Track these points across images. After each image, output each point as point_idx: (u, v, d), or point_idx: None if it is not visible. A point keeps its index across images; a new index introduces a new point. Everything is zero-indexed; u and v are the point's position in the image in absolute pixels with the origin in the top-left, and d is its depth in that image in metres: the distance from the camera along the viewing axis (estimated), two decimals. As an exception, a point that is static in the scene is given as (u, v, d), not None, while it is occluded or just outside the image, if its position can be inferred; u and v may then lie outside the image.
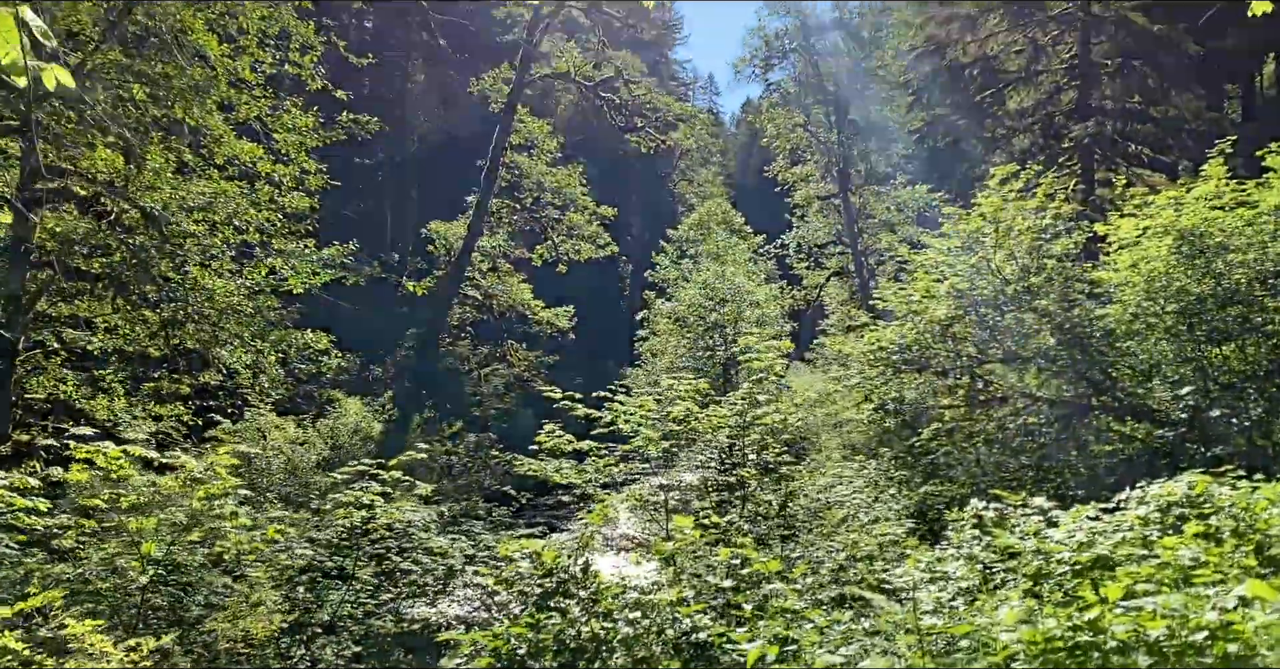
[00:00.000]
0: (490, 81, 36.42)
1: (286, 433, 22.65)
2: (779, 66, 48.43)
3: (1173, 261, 13.16)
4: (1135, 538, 6.90)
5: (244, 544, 6.89)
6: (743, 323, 31.15)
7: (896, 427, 17.73)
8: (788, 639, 5.88)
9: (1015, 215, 15.46)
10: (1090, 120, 26.19)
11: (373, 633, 7.64)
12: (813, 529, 8.75)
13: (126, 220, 14.19)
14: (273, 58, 16.25)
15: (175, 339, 15.14)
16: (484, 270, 36.33)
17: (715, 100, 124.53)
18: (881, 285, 17.68)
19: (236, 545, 6.83)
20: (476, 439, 30.84)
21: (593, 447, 9.12)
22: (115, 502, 6.68)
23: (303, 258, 16.17)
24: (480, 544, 9.73)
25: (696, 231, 45.20)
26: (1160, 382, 13.83)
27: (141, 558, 6.29)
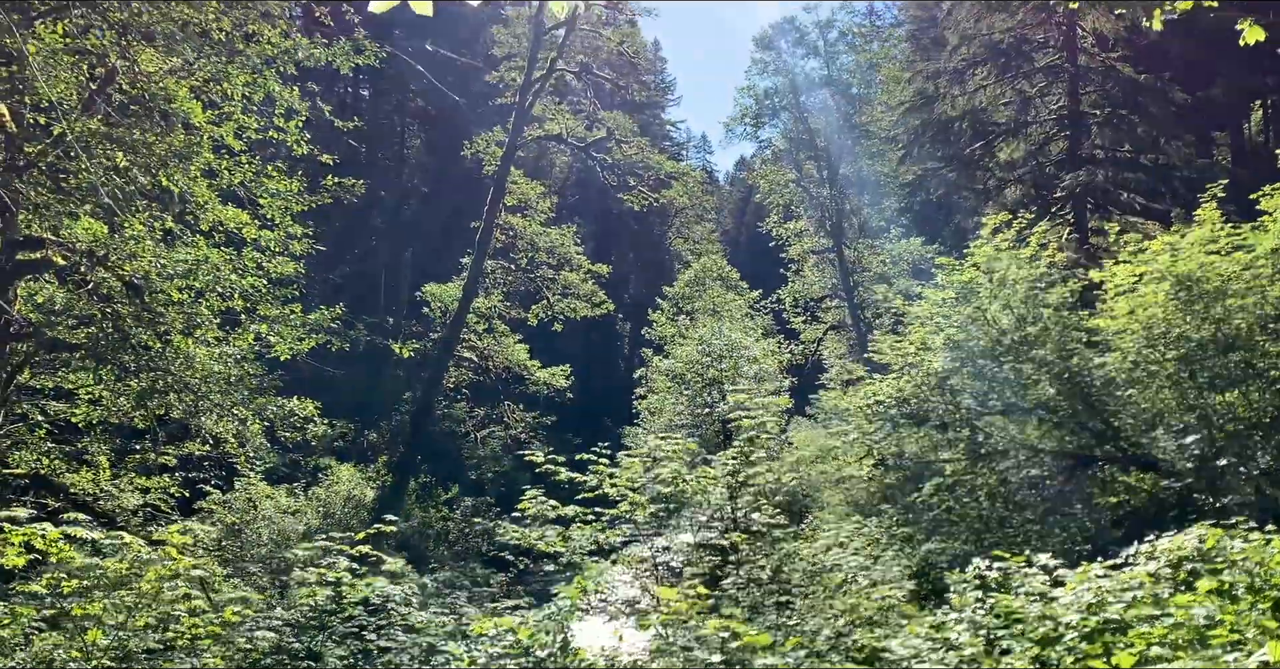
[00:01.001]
0: (483, 144, 36.63)
1: (278, 502, 22.25)
2: (770, 124, 48.91)
3: (1171, 308, 12.96)
4: (1146, 597, 6.57)
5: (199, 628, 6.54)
6: (740, 379, 30.86)
7: (899, 482, 17.39)
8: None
9: (1009, 265, 15.31)
10: (1081, 170, 26.21)
11: (347, 717, 7.29)
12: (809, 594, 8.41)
13: (105, 289, 14.01)
14: (258, 123, 16.22)
15: (158, 409, 14.86)
16: (480, 331, 36.14)
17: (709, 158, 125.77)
18: (877, 338, 17.46)
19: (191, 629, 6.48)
20: (474, 503, 30.41)
21: (579, 512, 8.81)
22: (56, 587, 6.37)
23: (288, 323, 15.95)
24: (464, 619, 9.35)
25: (692, 288, 45.16)
26: (1164, 430, 13.52)
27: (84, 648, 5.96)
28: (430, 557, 26.98)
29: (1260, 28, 5.27)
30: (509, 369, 36.11)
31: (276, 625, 7.49)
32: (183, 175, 15.01)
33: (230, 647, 6.98)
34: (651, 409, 36.33)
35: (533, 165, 52.37)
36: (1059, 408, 14.40)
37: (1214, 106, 32.05)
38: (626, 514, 8.93)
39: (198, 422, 14.74)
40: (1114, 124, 27.14)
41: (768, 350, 36.27)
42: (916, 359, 15.85)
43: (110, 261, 13.73)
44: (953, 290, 16.04)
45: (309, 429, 16.55)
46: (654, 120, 72.48)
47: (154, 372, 14.06)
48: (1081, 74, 27.39)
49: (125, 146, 14.10)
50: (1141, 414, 13.96)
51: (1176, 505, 12.46)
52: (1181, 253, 13.08)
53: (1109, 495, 13.72)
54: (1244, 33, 5.38)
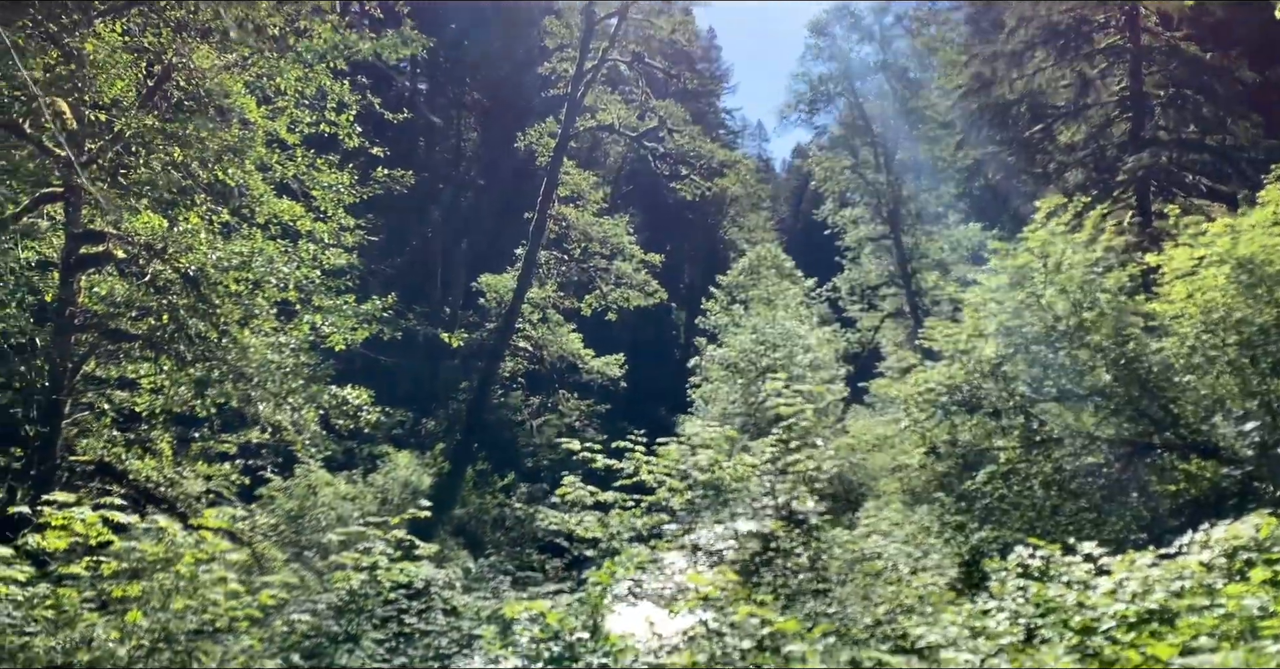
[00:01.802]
0: (536, 136, 36.79)
1: (337, 488, 22.68)
2: (825, 110, 48.54)
3: (1231, 291, 12.62)
4: (1197, 586, 6.43)
5: (237, 611, 6.70)
6: (795, 367, 30.65)
7: (954, 470, 17.19)
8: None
9: (1064, 249, 15.01)
10: (1144, 152, 25.58)
11: (385, 700, 7.42)
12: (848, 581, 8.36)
13: (163, 281, 14.38)
14: (310, 117, 16.50)
15: (217, 398, 15.23)
16: (534, 321, 36.39)
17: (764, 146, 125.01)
18: (928, 324, 17.24)
19: (229, 612, 6.64)
20: (529, 490, 30.66)
21: (618, 498, 8.86)
22: (95, 569, 6.56)
23: (341, 313, 16.23)
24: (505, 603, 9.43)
25: (747, 277, 44.87)
26: (1224, 417, 13.19)
27: (123, 629, 6.13)
28: (487, 542, 27.32)
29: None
30: (563, 358, 36.33)
31: (317, 608, 7.65)
32: (238, 169, 15.33)
33: (268, 629, 7.15)
34: (705, 398, 36.23)
35: (586, 156, 52.51)
36: (1116, 394, 14.12)
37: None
38: (664, 501, 8.96)
39: (254, 410, 15.07)
40: (1178, 105, 26.45)
41: (823, 339, 35.99)
42: (969, 346, 15.63)
43: (168, 254, 14.08)
44: (1006, 275, 15.77)
45: (362, 417, 16.83)
46: (708, 109, 72.13)
47: (210, 361, 14.40)
48: (1144, 54, 26.70)
49: (182, 142, 14.43)
50: (1201, 400, 13.63)
51: (1237, 494, 12.17)
52: (1243, 235, 12.72)
53: (1167, 483, 13.43)
54: None
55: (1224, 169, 26.08)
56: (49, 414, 14.52)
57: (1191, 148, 26.50)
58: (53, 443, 14.56)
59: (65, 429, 15.04)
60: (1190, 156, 26.42)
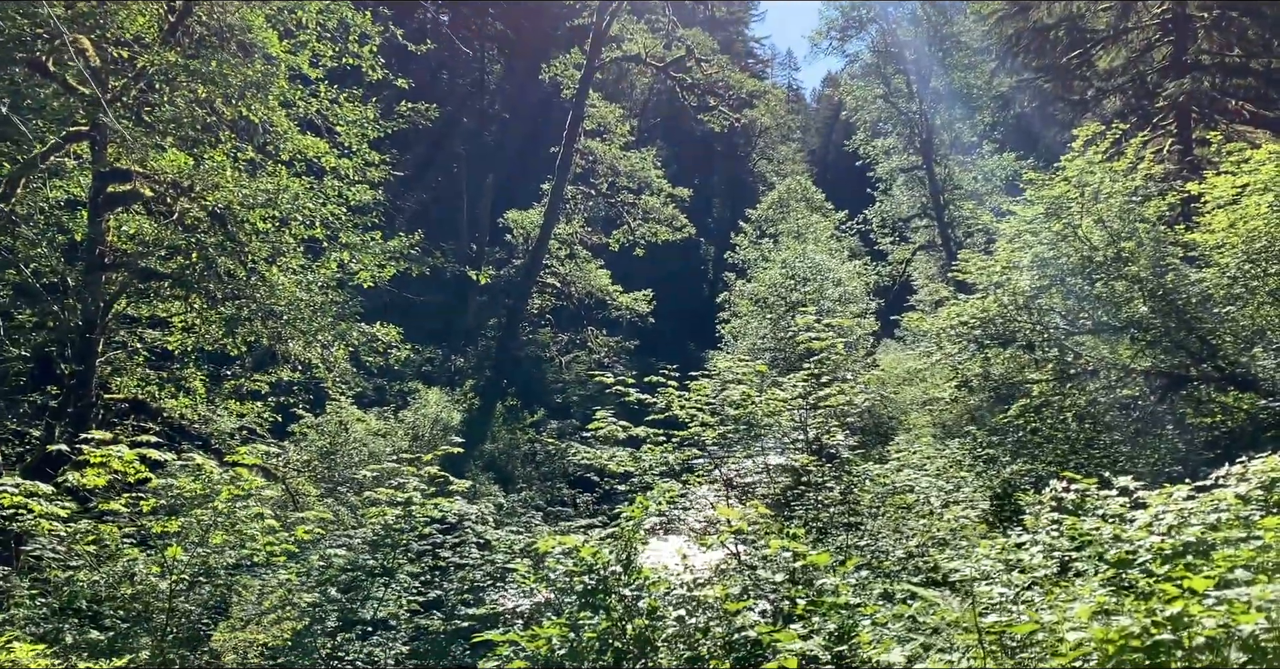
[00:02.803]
0: (561, 67, 36.24)
1: (368, 425, 22.93)
2: (857, 37, 47.20)
3: (1274, 220, 12.29)
4: (1233, 519, 6.35)
5: (274, 546, 6.78)
6: (825, 301, 30.46)
7: (985, 403, 17.08)
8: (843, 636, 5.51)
9: (1102, 178, 14.66)
10: (1186, 77, 24.80)
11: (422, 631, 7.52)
12: (880, 515, 8.34)
13: (189, 220, 14.36)
14: (333, 50, 16.26)
15: (247, 336, 15.31)
16: (561, 257, 36.26)
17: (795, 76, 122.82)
18: (962, 256, 16.98)
19: (266, 547, 6.72)
20: (559, 426, 30.87)
21: (649, 433, 8.83)
22: (135, 506, 6.63)
23: (368, 250, 16.18)
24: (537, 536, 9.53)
25: (776, 210, 44.41)
26: (1264, 349, 12.96)
27: (164, 564, 6.22)
28: (518, 477, 27.62)
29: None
30: (591, 294, 36.26)
31: (352, 543, 7.74)
32: (261, 105, 15.17)
33: (304, 563, 7.24)
34: (734, 333, 36.15)
35: (612, 88, 51.72)
36: (1152, 326, 13.90)
37: (1335, 4, 29.90)
38: (696, 436, 8.93)
39: (284, 348, 15.14)
40: (1222, 26, 25.51)
41: (854, 272, 35.67)
42: (1003, 278, 15.39)
43: (195, 192, 14.03)
44: (1042, 206, 15.45)
45: (392, 354, 16.87)
46: (736, 37, 70.74)
47: (240, 299, 14.43)
48: (1188, -28, 25.75)
49: (204, 78, 14.28)
50: (1240, 332, 13.39)
51: (1275, 426, 12.00)
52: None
53: (1203, 416, 13.27)
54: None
55: (1269, 94, 25.27)
56: (83, 353, 14.66)
57: (1235, 72, 25.66)
58: (87, 382, 14.72)
59: (99, 368, 15.19)
60: (1234, 81, 25.60)
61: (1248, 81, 25.48)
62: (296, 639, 6.81)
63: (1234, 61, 25.72)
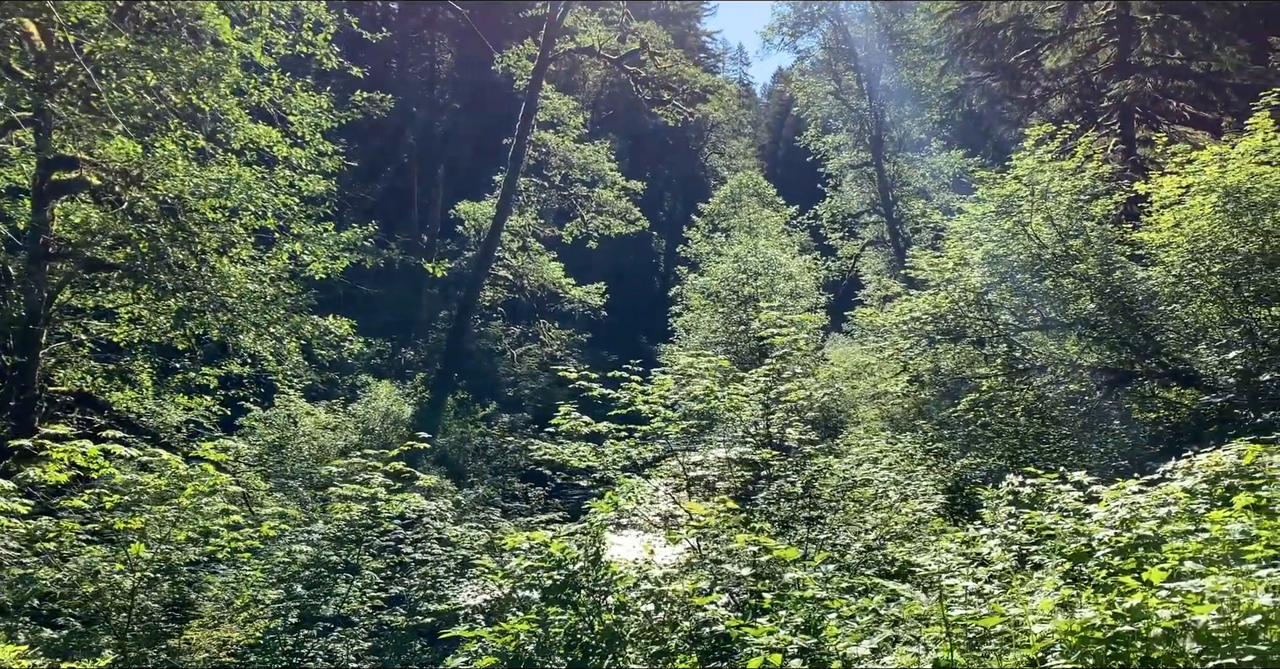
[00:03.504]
0: (514, 58, 35.98)
1: (318, 418, 22.68)
2: (808, 34, 47.48)
3: (1218, 220, 12.60)
4: (1181, 512, 6.52)
5: (239, 542, 6.69)
6: (776, 296, 30.67)
7: (934, 397, 17.33)
8: (810, 628, 5.58)
9: (1052, 177, 14.94)
10: (1129, 78, 25.33)
11: (384, 627, 7.47)
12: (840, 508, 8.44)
13: (139, 209, 14.06)
14: (286, 38, 16.00)
15: (197, 328, 15.04)
16: (514, 250, 36.09)
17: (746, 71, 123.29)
18: (914, 253, 17.22)
19: (230, 543, 6.63)
20: (510, 419, 30.76)
21: (611, 428, 8.84)
22: (98, 502, 6.50)
23: (321, 242, 15.97)
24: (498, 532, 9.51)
25: (728, 204, 44.63)
26: (1207, 346, 13.30)
27: (127, 560, 6.11)
28: (469, 471, 27.47)
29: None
30: (544, 287, 36.15)
31: (314, 539, 7.66)
32: (213, 93, 14.90)
33: (268, 560, 7.15)
34: (686, 327, 36.27)
35: (565, 80, 51.53)
36: (1100, 323, 14.20)
37: (1270, 10, 30.67)
38: (659, 430, 8.96)
39: (235, 340, 14.91)
40: (1165, 29, 26.09)
41: (804, 267, 35.96)
42: (954, 274, 15.62)
43: (144, 181, 13.74)
44: (993, 204, 15.71)
45: (345, 347, 16.69)
46: (689, 31, 70.79)
47: (191, 291, 14.17)
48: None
49: (154, 64, 13.98)
50: (1184, 329, 13.73)
51: (1217, 421, 12.31)
52: (1230, 163, 12.67)
53: (1148, 411, 13.59)
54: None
55: (1209, 96, 25.91)
56: (25, 344, 14.31)
57: (1177, 74, 26.26)
58: (30, 373, 14.38)
59: (43, 360, 14.84)
60: (1175, 83, 26.20)
61: (1188, 83, 26.10)
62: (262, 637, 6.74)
63: (1176, 64, 26.31)
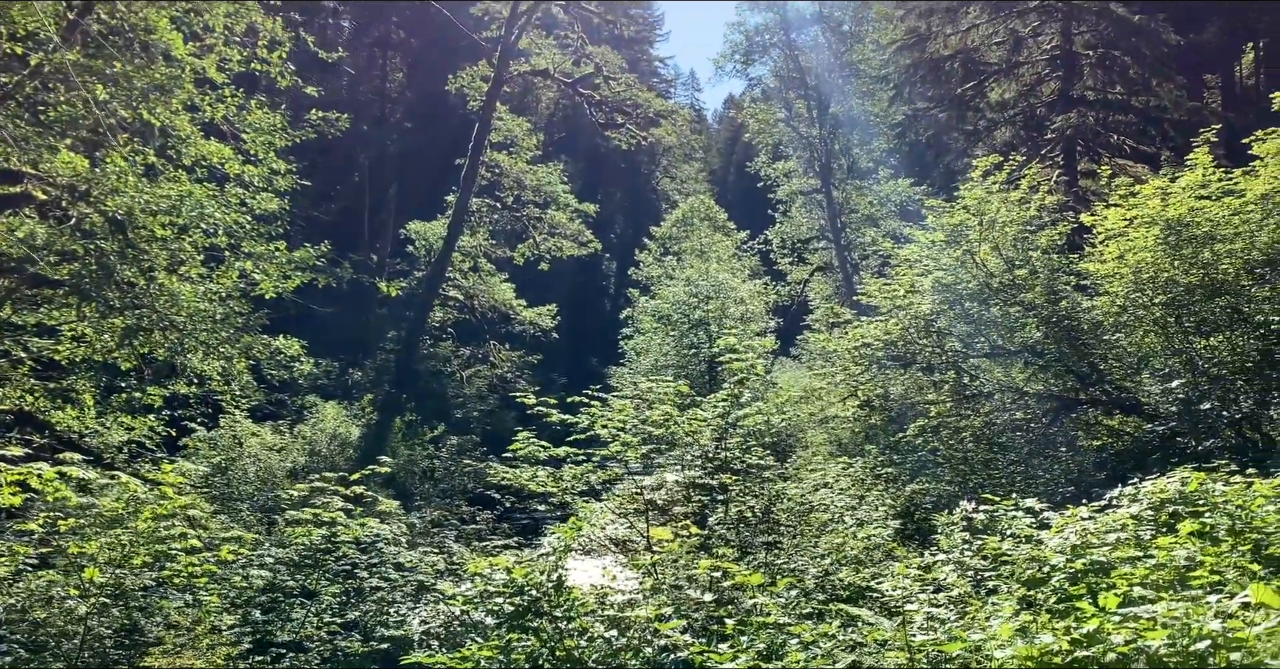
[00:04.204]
0: (468, 79, 35.98)
1: (263, 439, 22.31)
2: (760, 61, 48.09)
3: (1160, 252, 12.94)
4: (1129, 539, 6.66)
5: (195, 566, 6.55)
6: (727, 320, 30.87)
7: (883, 423, 17.52)
8: (772, 654, 5.60)
9: (999, 207, 15.26)
10: (1072, 111, 26.01)
11: (340, 652, 7.34)
12: (797, 533, 8.49)
13: (88, 225, 13.79)
14: (240, 55, 15.85)
15: (143, 347, 14.74)
16: (465, 270, 35.93)
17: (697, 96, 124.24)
18: (865, 281, 17.45)
19: (187, 568, 6.48)
20: (459, 442, 30.48)
21: (570, 453, 8.82)
22: (53, 526, 6.34)
23: (273, 260, 15.77)
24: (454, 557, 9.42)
25: (680, 228, 44.92)
26: (1149, 374, 13.63)
27: (82, 585, 5.95)
28: (416, 494, 27.16)
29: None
30: (495, 308, 36.00)
31: (270, 563, 7.53)
32: (164, 108, 14.70)
33: (225, 585, 7.01)
34: (638, 349, 36.37)
35: (518, 101, 51.61)
36: (1046, 351, 14.48)
37: (1206, 48, 31.75)
38: (617, 455, 8.96)
39: (183, 360, 14.64)
40: (1106, 65, 26.88)
41: (755, 291, 36.26)
42: (905, 302, 15.86)
43: (92, 196, 13.49)
44: (942, 232, 16.00)
45: (295, 367, 16.47)
46: (642, 56, 71.42)
47: (139, 309, 13.90)
48: (1075, 13, 27.05)
49: (105, 78, 13.77)
50: (1127, 358, 14.06)
51: (1159, 449, 12.59)
52: (1172, 197, 13.04)
53: (1093, 438, 13.86)
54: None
55: (1147, 130, 26.67)
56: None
57: (1118, 108, 27.01)
58: (-31, 391, 14.00)
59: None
60: (1116, 117, 26.95)
61: (1129, 117, 26.85)
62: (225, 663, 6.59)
63: (1117, 98, 27.08)
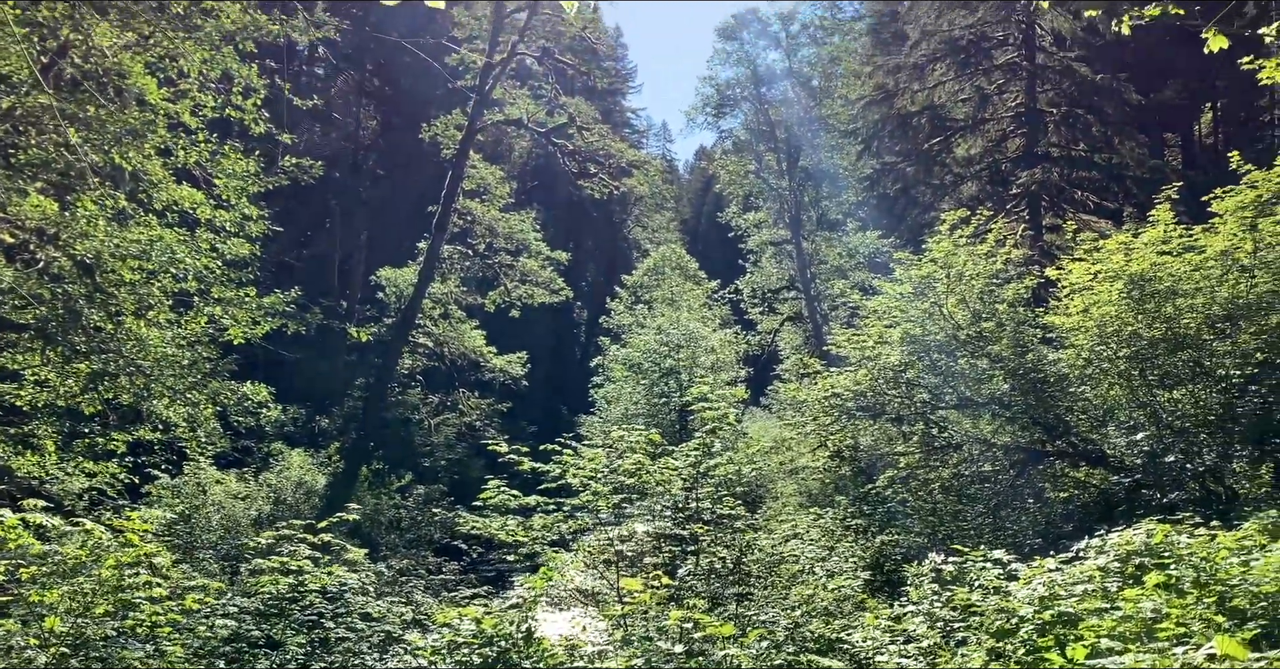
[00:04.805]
0: (442, 127, 36.20)
1: (228, 487, 21.98)
2: (731, 114, 48.98)
3: (1124, 306, 13.15)
4: (1096, 590, 6.70)
5: (159, 616, 6.41)
6: (697, 369, 30.95)
7: (853, 474, 17.55)
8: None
9: (966, 260, 15.48)
10: (1037, 167, 26.57)
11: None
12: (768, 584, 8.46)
13: (56, 269, 13.67)
14: (214, 101, 15.89)
15: (108, 392, 14.54)
16: (435, 317, 35.85)
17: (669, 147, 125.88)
18: (835, 331, 17.59)
19: (151, 617, 6.35)
20: (426, 491, 30.18)
21: (540, 502, 8.77)
22: (13, 573, 6.20)
23: (242, 306, 15.68)
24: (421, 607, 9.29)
25: (651, 277, 45.20)
26: (1114, 427, 13.77)
27: (42, 635, 5.80)
28: (382, 544, 26.79)
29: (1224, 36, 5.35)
30: (464, 355, 35.89)
31: (235, 613, 7.39)
32: (136, 153, 14.67)
33: (189, 635, 6.87)
34: (608, 398, 36.33)
35: (492, 150, 51.97)
36: (1013, 403, 14.60)
37: (1167, 108, 32.64)
38: (588, 504, 8.92)
39: (149, 405, 14.45)
40: (1070, 122, 27.55)
41: (725, 341, 36.43)
42: (874, 353, 15.98)
43: (61, 240, 13.40)
44: (910, 285, 16.19)
45: (263, 414, 16.30)
46: (615, 107, 72.27)
47: (105, 354, 13.75)
48: (1039, 72, 27.75)
49: (77, 122, 13.75)
50: (1093, 410, 14.21)
51: (1125, 501, 12.70)
52: (1135, 253, 13.30)
53: (1060, 490, 13.95)
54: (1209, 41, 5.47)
55: (1110, 186, 27.29)
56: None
57: (1081, 165, 27.64)
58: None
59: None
60: (1079, 173, 27.57)
61: (1092, 174, 27.47)
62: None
63: (1080, 155, 27.73)
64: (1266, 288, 12.59)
